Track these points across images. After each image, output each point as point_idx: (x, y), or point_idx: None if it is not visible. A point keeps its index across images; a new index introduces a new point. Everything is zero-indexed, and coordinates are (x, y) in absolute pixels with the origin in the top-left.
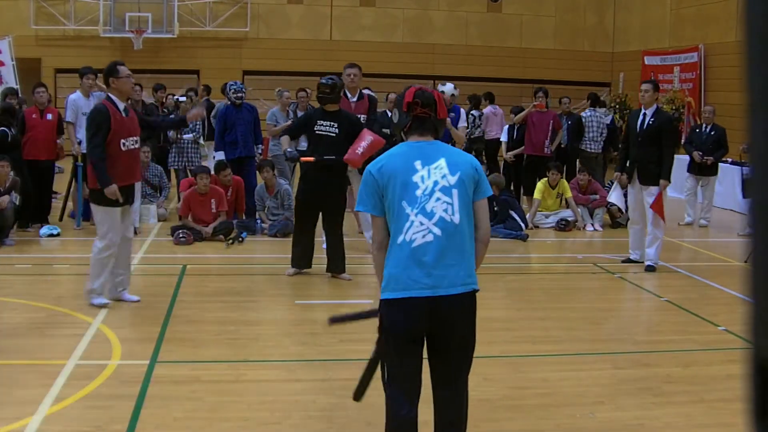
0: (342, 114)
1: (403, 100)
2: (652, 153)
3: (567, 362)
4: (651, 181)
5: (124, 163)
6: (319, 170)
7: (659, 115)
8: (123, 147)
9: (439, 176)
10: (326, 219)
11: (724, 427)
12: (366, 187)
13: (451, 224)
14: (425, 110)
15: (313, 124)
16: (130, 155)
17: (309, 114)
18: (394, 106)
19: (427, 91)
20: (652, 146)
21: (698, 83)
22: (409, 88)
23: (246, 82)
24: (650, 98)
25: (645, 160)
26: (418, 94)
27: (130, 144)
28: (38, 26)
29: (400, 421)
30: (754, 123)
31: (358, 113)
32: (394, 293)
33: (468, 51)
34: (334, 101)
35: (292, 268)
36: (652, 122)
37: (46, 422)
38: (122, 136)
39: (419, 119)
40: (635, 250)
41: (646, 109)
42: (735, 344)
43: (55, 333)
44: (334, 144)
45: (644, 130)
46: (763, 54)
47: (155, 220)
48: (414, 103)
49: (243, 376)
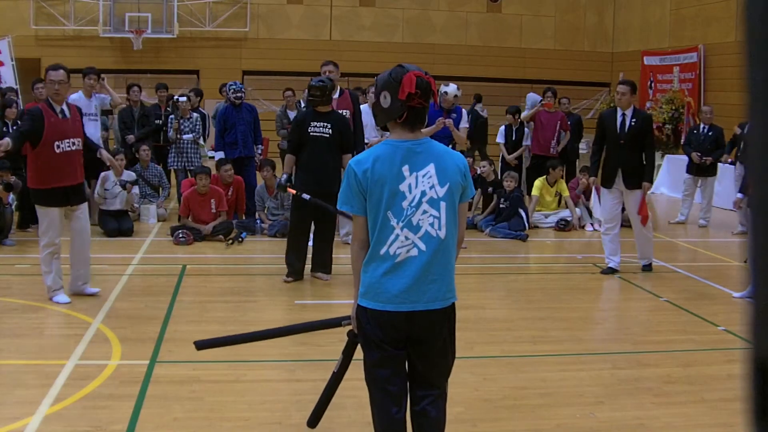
0: (333, 114)
1: (398, 86)
2: (637, 155)
3: (567, 362)
4: (638, 185)
5: (59, 165)
6: (316, 173)
7: (639, 116)
8: (57, 149)
9: (427, 186)
10: (318, 222)
11: (724, 427)
12: (350, 187)
13: (437, 239)
14: (423, 101)
15: (307, 126)
16: (66, 157)
17: (301, 117)
18: (382, 89)
19: (425, 78)
20: (636, 148)
21: (698, 83)
22: (407, 74)
23: (246, 83)
24: (627, 100)
25: (630, 163)
26: (419, 83)
27: (65, 146)
28: (38, 26)
29: (391, 421)
30: (754, 123)
31: (340, 109)
32: (373, 304)
33: (468, 51)
34: (326, 103)
35: (290, 277)
36: (634, 123)
37: (45, 422)
38: (56, 138)
39: (415, 111)
40: (613, 256)
41: (624, 110)
42: (735, 344)
43: (55, 333)
44: (328, 144)
45: (627, 132)
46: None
47: (155, 220)
48: (415, 94)
49: (243, 376)
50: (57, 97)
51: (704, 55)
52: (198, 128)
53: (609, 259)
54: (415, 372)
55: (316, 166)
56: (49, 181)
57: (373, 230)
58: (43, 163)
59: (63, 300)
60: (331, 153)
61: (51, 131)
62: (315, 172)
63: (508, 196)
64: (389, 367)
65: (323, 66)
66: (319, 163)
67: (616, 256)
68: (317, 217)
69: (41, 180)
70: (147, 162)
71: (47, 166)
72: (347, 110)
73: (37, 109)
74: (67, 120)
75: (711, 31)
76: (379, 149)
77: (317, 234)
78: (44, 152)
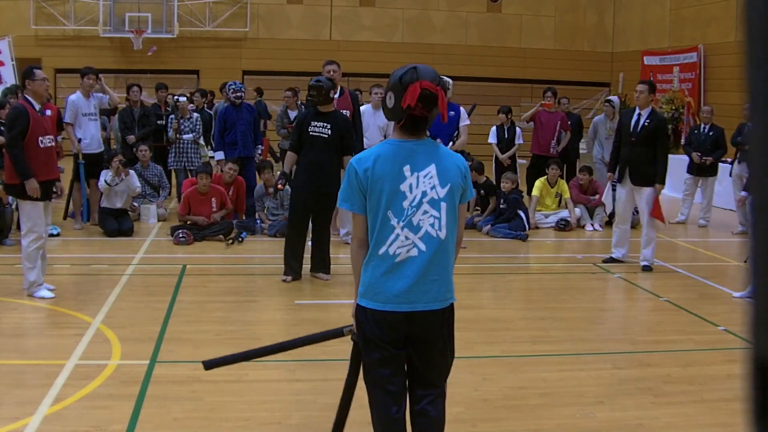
0: (334, 115)
1: (403, 93)
2: (645, 154)
3: (567, 362)
4: (643, 182)
5: (42, 160)
6: (314, 173)
7: (654, 117)
8: (41, 144)
9: (428, 186)
10: (315, 219)
11: (724, 427)
12: (350, 185)
13: (437, 240)
14: (425, 111)
15: (307, 126)
16: (47, 152)
17: (303, 116)
18: (390, 89)
19: (432, 90)
20: (646, 147)
21: (698, 83)
22: (414, 83)
23: (246, 83)
24: (645, 99)
25: (638, 161)
26: (423, 96)
27: (47, 141)
28: (38, 26)
29: (390, 420)
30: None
31: (340, 109)
32: (372, 304)
33: (468, 51)
34: (323, 102)
35: (288, 276)
36: (647, 123)
37: (45, 422)
38: (39, 133)
39: (416, 119)
40: (619, 248)
41: (641, 110)
42: (735, 344)
43: (55, 333)
44: (327, 144)
45: (639, 131)
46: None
47: (155, 220)
48: (416, 106)
49: (243, 376)
50: (45, 95)
51: (704, 55)
52: (198, 128)
53: (614, 249)
54: (415, 372)
55: (314, 165)
56: (36, 175)
57: (373, 230)
58: (29, 159)
59: (46, 295)
60: (329, 153)
61: (35, 127)
62: (312, 172)
63: (507, 197)
64: (389, 366)
65: (326, 66)
66: (317, 162)
67: (621, 248)
68: (314, 217)
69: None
70: (147, 162)
71: (33, 161)
72: (347, 110)
73: (22, 107)
74: (46, 117)
75: (711, 31)
76: (380, 148)
77: (313, 234)
78: (30, 148)
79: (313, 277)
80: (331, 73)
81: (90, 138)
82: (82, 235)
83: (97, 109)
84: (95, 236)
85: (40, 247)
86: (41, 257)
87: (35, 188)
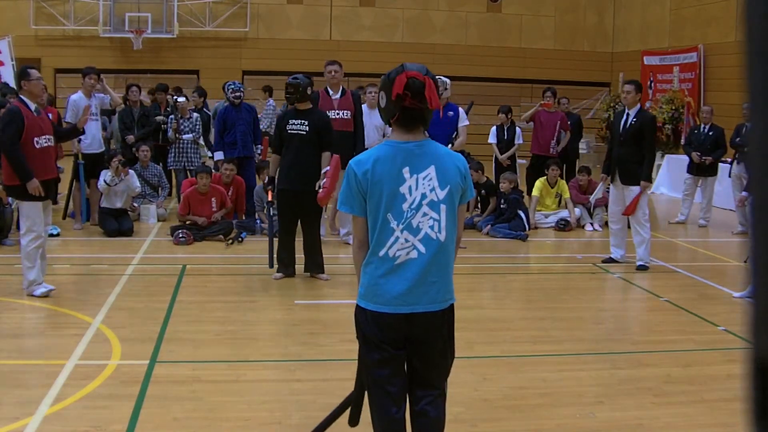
0: (312, 112)
1: (391, 87)
2: (633, 153)
3: (567, 362)
4: (632, 181)
5: (39, 160)
6: (294, 172)
7: (641, 116)
8: (36, 145)
9: (427, 188)
10: (303, 222)
11: (724, 427)
12: (349, 188)
13: (437, 242)
14: (415, 102)
15: (286, 124)
16: (44, 152)
17: (281, 115)
18: (381, 89)
19: (419, 78)
20: (634, 146)
21: (698, 83)
22: (401, 74)
23: (246, 83)
24: (632, 99)
25: (626, 160)
26: (410, 84)
27: (44, 142)
28: (38, 26)
29: (390, 421)
30: (754, 123)
31: (342, 109)
32: (372, 305)
33: (468, 51)
34: (301, 100)
35: (279, 273)
36: (634, 122)
37: (45, 422)
38: (35, 134)
39: (408, 111)
40: (617, 248)
41: (629, 110)
42: (735, 344)
43: (55, 333)
44: (304, 142)
45: (627, 129)
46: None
47: (155, 220)
48: (404, 95)
49: (243, 376)
50: (41, 95)
51: (704, 55)
52: (198, 128)
53: (612, 249)
54: (415, 372)
55: (292, 163)
56: (35, 175)
57: (372, 232)
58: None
59: (46, 287)
60: (307, 150)
61: (31, 128)
62: (290, 169)
63: (507, 197)
64: (389, 367)
65: (327, 65)
66: (295, 160)
67: (619, 249)
68: (301, 220)
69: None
70: (147, 162)
71: (30, 161)
72: (348, 110)
73: (16, 108)
74: (42, 117)
75: (711, 31)
76: (379, 150)
77: (303, 237)
78: (26, 149)
79: (313, 277)
80: (333, 73)
81: (91, 138)
82: (82, 235)
83: (98, 108)
84: (95, 236)
85: (39, 246)
86: (41, 257)
87: (36, 187)
